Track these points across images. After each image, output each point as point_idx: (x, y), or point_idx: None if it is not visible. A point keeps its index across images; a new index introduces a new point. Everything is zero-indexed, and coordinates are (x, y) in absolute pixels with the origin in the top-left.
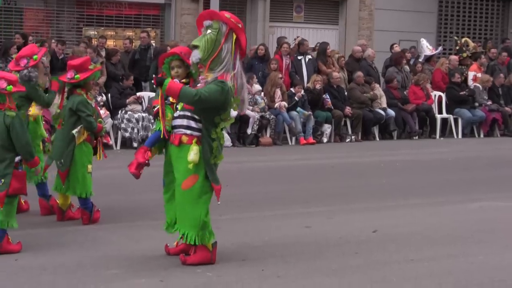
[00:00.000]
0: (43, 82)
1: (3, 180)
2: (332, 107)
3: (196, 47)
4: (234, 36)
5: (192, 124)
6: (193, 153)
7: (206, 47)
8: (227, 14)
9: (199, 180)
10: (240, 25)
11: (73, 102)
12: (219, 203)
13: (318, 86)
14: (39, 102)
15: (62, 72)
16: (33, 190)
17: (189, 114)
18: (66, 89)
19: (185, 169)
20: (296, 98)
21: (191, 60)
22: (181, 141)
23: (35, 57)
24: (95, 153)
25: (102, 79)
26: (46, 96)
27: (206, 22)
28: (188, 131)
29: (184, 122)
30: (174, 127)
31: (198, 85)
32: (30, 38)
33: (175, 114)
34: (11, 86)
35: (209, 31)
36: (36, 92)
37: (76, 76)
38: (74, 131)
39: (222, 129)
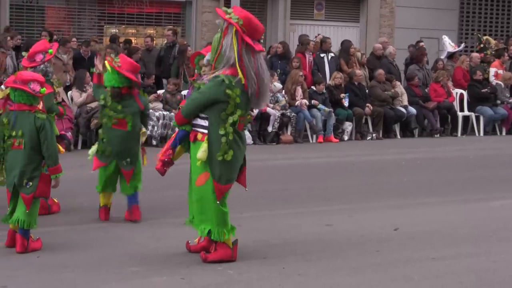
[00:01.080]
0: (61, 79)
1: (31, 183)
2: (346, 107)
3: None
4: (234, 29)
5: (204, 122)
6: (202, 150)
7: (214, 47)
8: (229, 10)
9: (211, 177)
10: (240, 21)
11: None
12: (218, 202)
13: (337, 82)
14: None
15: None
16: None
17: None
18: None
19: (197, 166)
20: (313, 102)
21: (199, 64)
22: (196, 138)
23: (50, 51)
24: None
25: None
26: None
27: (217, 22)
28: (202, 129)
29: (198, 120)
30: (193, 125)
31: (203, 79)
32: (55, 37)
33: None
34: (44, 89)
35: (218, 30)
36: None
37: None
38: (144, 131)
39: (232, 125)
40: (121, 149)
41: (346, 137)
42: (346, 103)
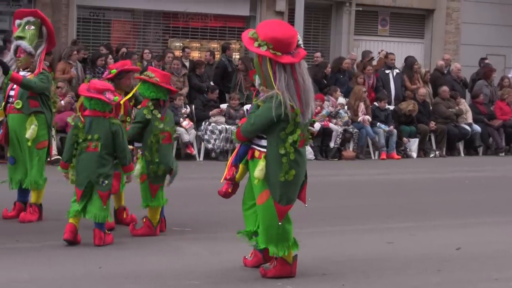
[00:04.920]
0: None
1: (106, 181)
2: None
3: None
4: (267, 58)
5: (262, 140)
6: (259, 169)
7: (257, 71)
8: (254, 35)
9: (271, 196)
10: (270, 45)
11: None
12: (280, 223)
13: (413, 113)
14: None
15: None
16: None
17: None
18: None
19: (256, 185)
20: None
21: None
22: (253, 156)
23: (113, 71)
24: None
25: (185, 90)
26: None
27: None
28: (259, 148)
29: (256, 138)
30: (251, 142)
31: (260, 97)
32: (123, 49)
33: None
34: (117, 97)
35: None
36: None
37: None
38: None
39: (292, 144)
40: (170, 164)
41: (414, 154)
42: (320, 122)
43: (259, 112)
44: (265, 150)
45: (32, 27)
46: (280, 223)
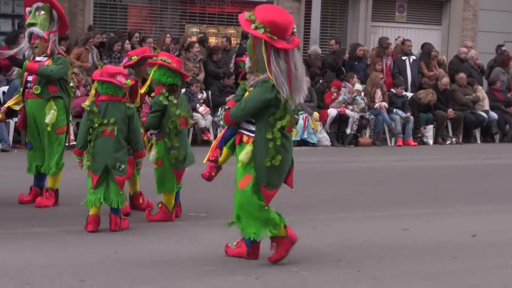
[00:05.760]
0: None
1: (123, 166)
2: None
3: None
4: (263, 40)
5: (251, 125)
6: (244, 153)
7: (250, 54)
8: (252, 17)
9: (253, 180)
10: (267, 29)
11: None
12: (266, 208)
13: (432, 103)
14: None
15: None
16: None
17: None
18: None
19: (239, 168)
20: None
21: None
22: (241, 140)
23: (134, 57)
24: None
25: (201, 76)
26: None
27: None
28: (248, 132)
29: (244, 123)
30: (239, 127)
31: (250, 81)
32: (136, 34)
33: None
34: (129, 81)
35: (249, 35)
36: None
37: None
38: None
39: (280, 130)
40: (188, 149)
41: (431, 141)
42: (336, 108)
43: (250, 96)
44: (253, 135)
45: (42, 12)
46: (266, 208)
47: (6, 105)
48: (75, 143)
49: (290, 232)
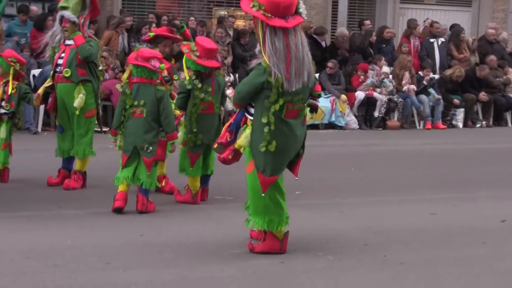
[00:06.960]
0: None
1: (151, 147)
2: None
3: None
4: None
5: (251, 108)
6: (243, 137)
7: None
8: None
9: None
10: (262, 6)
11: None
12: (263, 195)
13: (459, 79)
14: None
15: None
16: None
17: None
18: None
19: (247, 153)
20: (424, 82)
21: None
22: (246, 123)
23: (151, 34)
24: None
25: (228, 60)
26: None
27: None
28: (250, 116)
29: (248, 106)
30: (245, 109)
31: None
32: (164, 17)
33: None
34: (163, 65)
35: None
36: None
37: None
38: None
39: (274, 114)
40: (213, 134)
41: (460, 125)
42: (364, 91)
43: (245, 79)
44: (251, 118)
45: None
46: (263, 195)
47: (41, 89)
48: (105, 128)
49: (286, 240)
